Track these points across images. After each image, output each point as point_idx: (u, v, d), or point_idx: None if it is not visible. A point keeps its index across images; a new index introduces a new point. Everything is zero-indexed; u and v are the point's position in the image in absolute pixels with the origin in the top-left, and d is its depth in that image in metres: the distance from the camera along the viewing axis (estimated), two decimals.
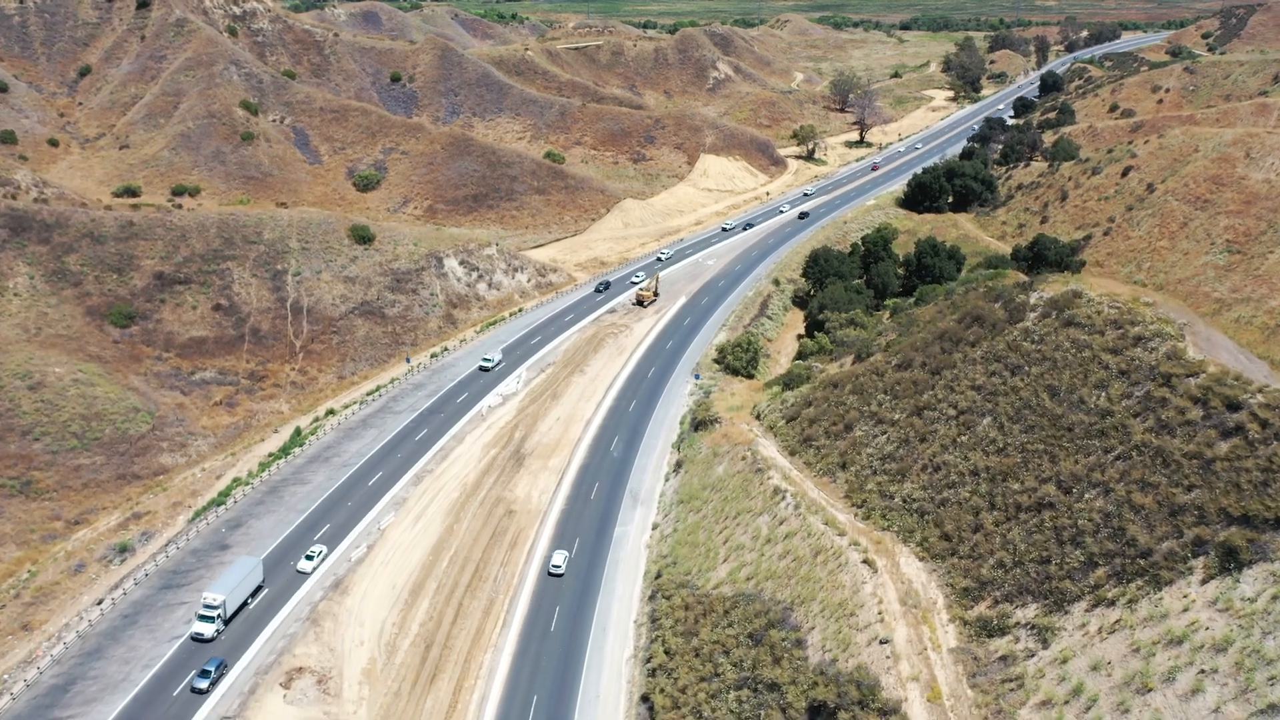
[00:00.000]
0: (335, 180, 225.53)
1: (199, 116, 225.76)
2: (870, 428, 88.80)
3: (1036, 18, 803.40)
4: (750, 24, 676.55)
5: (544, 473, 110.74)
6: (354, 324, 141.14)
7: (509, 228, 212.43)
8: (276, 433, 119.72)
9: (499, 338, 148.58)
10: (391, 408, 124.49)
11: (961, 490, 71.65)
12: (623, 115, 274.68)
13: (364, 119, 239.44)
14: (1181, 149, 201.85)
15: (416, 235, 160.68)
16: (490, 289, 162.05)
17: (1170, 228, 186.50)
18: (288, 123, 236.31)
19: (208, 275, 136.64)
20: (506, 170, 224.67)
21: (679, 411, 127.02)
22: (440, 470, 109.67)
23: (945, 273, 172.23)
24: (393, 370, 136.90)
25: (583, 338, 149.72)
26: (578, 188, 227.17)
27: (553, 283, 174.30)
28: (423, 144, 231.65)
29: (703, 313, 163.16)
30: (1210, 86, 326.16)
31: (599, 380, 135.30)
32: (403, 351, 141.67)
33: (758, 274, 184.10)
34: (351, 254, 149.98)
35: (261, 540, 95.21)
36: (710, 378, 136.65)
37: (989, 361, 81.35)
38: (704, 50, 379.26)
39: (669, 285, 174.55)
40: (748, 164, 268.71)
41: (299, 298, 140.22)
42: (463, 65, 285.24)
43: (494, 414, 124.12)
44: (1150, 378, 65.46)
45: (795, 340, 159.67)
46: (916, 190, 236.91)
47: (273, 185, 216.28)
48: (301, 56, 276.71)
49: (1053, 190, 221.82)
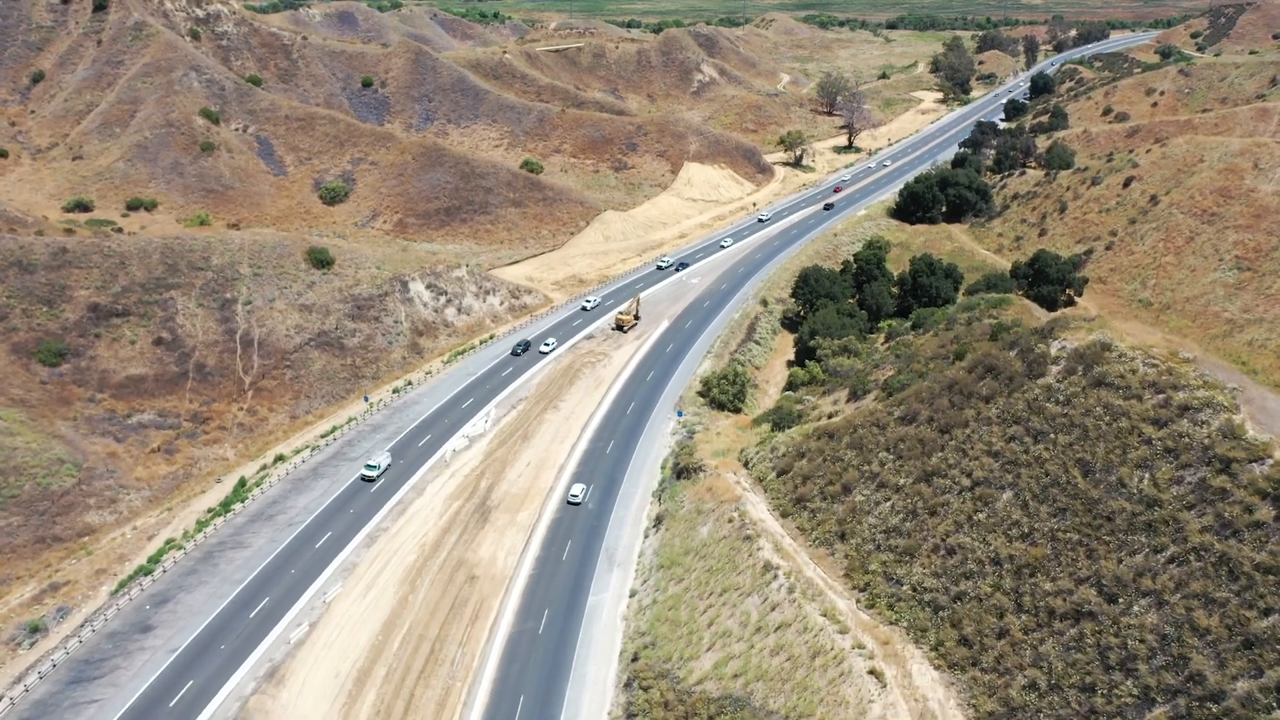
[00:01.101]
0: (301, 192, 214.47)
1: (156, 126, 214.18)
2: (871, 492, 79.23)
3: (1023, 16, 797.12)
4: (735, 23, 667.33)
5: (511, 529, 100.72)
6: (310, 357, 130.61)
7: (483, 243, 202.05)
8: (219, 483, 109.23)
9: (468, 369, 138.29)
10: (347, 453, 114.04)
11: (981, 583, 62.11)
12: (604, 122, 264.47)
13: (332, 127, 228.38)
14: (1186, 159, 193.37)
15: (380, 257, 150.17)
16: (460, 314, 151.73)
17: (1176, 242, 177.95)
18: (251, 131, 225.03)
19: (148, 306, 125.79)
20: (481, 181, 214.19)
21: (660, 453, 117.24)
22: (396, 529, 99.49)
23: (942, 293, 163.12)
24: (351, 408, 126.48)
25: (558, 368, 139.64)
26: (556, 199, 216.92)
27: (527, 305, 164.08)
28: (393, 154, 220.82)
29: (686, 338, 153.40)
30: (1206, 89, 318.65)
31: (574, 418, 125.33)
32: (363, 387, 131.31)
33: (744, 293, 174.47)
34: (308, 279, 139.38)
35: (190, 619, 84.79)
36: (695, 413, 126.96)
37: (1006, 423, 71.87)
38: (688, 52, 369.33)
39: (650, 307, 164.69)
40: (733, 172, 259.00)
41: (249, 329, 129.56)
42: (437, 70, 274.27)
43: (459, 459, 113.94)
44: (1204, 460, 56.03)
45: (785, 367, 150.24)
46: (909, 200, 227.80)
47: (234, 198, 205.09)
48: (268, 61, 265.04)
49: (1050, 201, 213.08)
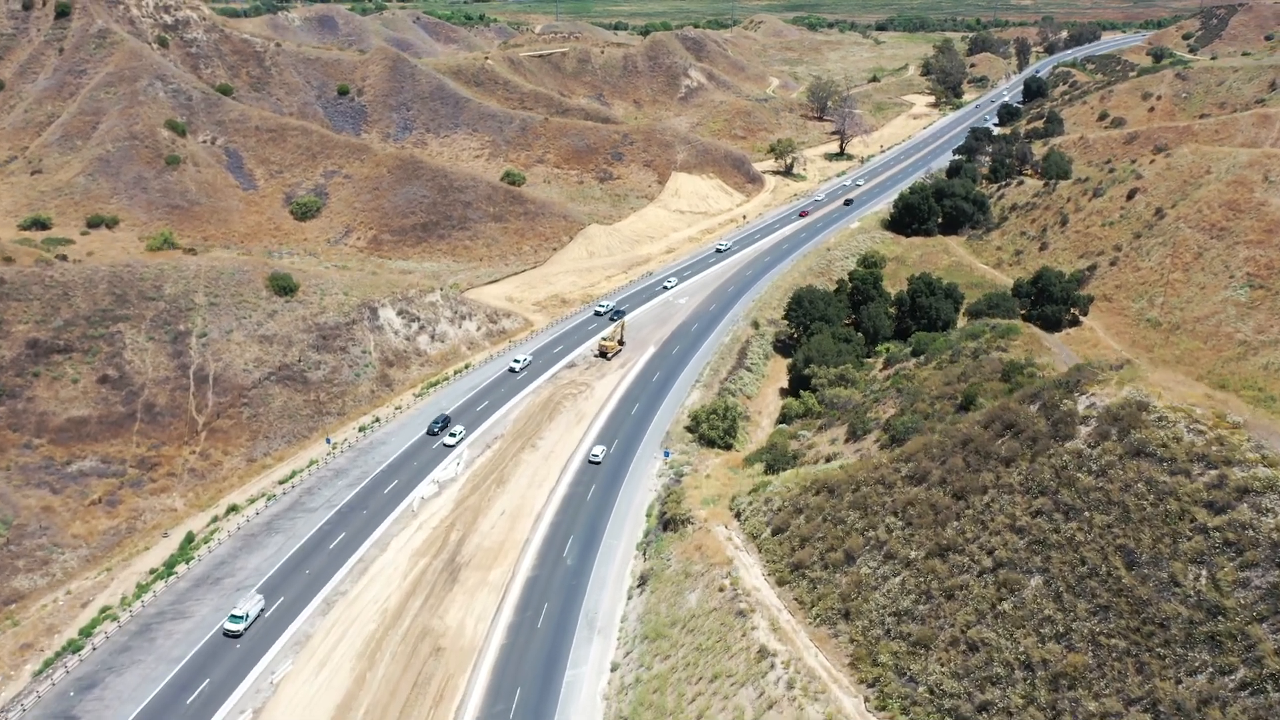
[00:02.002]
0: (271, 208, 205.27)
1: (119, 138, 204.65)
2: (878, 564, 71.03)
3: (1013, 17, 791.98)
4: (724, 25, 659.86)
5: (482, 590, 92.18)
6: (269, 393, 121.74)
7: (461, 260, 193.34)
8: (166, 537, 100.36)
9: (440, 403, 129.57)
10: (305, 503, 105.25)
11: (1011, 692, 53.94)
12: (588, 130, 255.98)
13: (304, 139, 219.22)
14: (1192, 170, 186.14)
15: (347, 282, 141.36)
16: (433, 342, 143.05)
17: (1184, 258, 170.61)
18: (219, 144, 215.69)
19: (93, 341, 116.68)
20: (460, 195, 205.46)
21: (646, 498, 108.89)
22: (356, 592, 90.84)
23: (942, 314, 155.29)
24: (314, 448, 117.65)
25: (537, 401, 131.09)
26: (538, 213, 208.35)
27: (506, 330, 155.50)
28: (368, 166, 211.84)
29: (674, 365, 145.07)
30: (1204, 93, 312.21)
31: (553, 458, 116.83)
32: (326, 425, 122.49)
33: (735, 314, 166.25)
34: (269, 308, 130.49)
35: (119, 707, 76.00)
36: (683, 451, 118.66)
37: (1031, 493, 63.81)
38: (675, 57, 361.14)
39: (635, 331, 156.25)
40: (722, 182, 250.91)
41: (204, 364, 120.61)
42: (415, 77, 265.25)
43: (427, 508, 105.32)
44: (1274, 561, 48.01)
45: (778, 395, 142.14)
46: (904, 212, 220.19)
47: (200, 215, 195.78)
48: (240, 69, 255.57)
49: (1050, 212, 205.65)
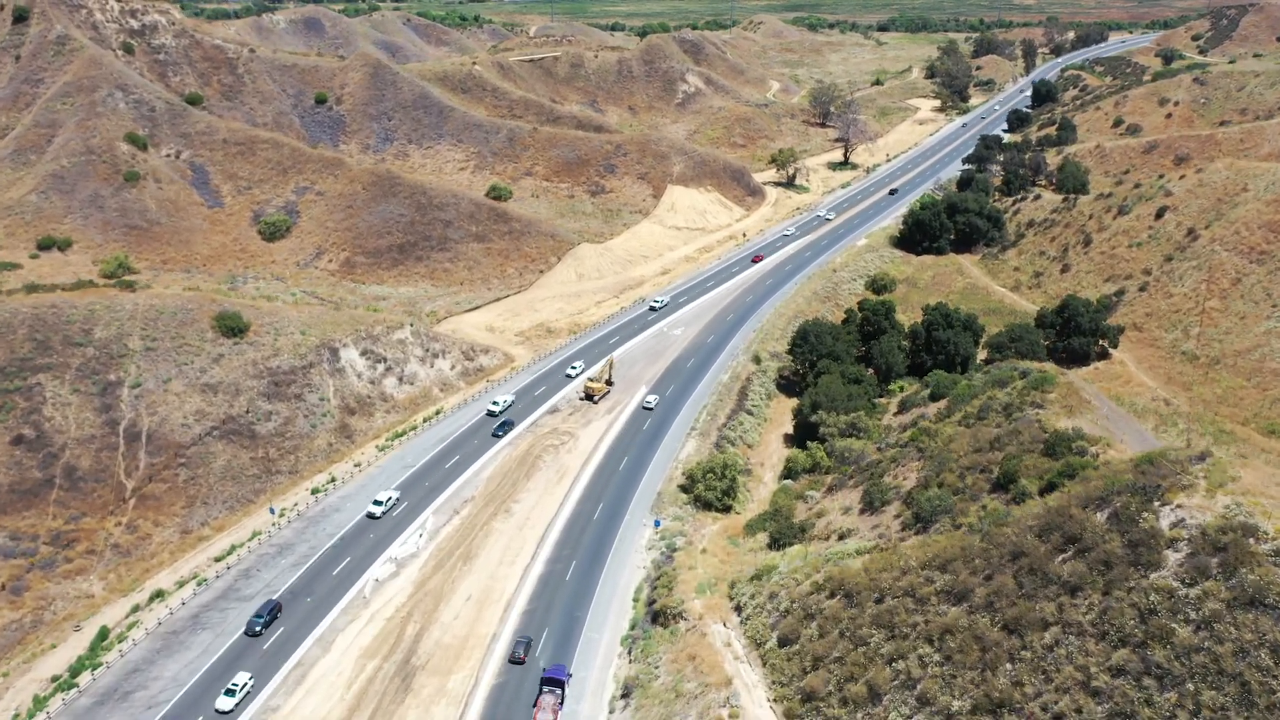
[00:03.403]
0: (237, 227, 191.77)
1: (75, 153, 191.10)
2: (910, 711, 57.66)
3: (1016, 17, 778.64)
4: (723, 25, 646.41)
5: (440, 702, 78.70)
6: (211, 451, 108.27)
7: (440, 284, 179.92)
8: (78, 631, 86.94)
9: (405, 459, 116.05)
10: (240, 589, 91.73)
11: None
12: (579, 141, 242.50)
13: (275, 152, 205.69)
14: (1226, 187, 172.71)
15: (305, 319, 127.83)
16: (401, 384, 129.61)
17: (1220, 284, 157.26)
18: (184, 158, 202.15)
19: (8, 395, 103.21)
20: (439, 214, 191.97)
21: (633, 578, 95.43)
22: (289, 709, 77.29)
23: (961, 349, 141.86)
24: (259, 516, 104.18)
25: (513, 455, 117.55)
26: (524, 232, 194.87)
27: (483, 367, 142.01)
28: (342, 182, 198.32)
29: (667, 408, 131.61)
30: (1223, 99, 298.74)
31: (530, 526, 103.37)
32: (276, 485, 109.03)
33: (734, 347, 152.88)
34: (215, 352, 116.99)
35: None
36: (676, 517, 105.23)
37: (1109, 640, 50.47)
38: (672, 61, 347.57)
39: (626, 369, 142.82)
40: (721, 195, 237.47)
41: (137, 419, 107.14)
42: (397, 84, 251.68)
43: (382, 593, 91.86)
44: None
45: (782, 442, 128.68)
46: (914, 228, 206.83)
47: (160, 236, 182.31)
48: (211, 76, 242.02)
49: (1071, 230, 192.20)
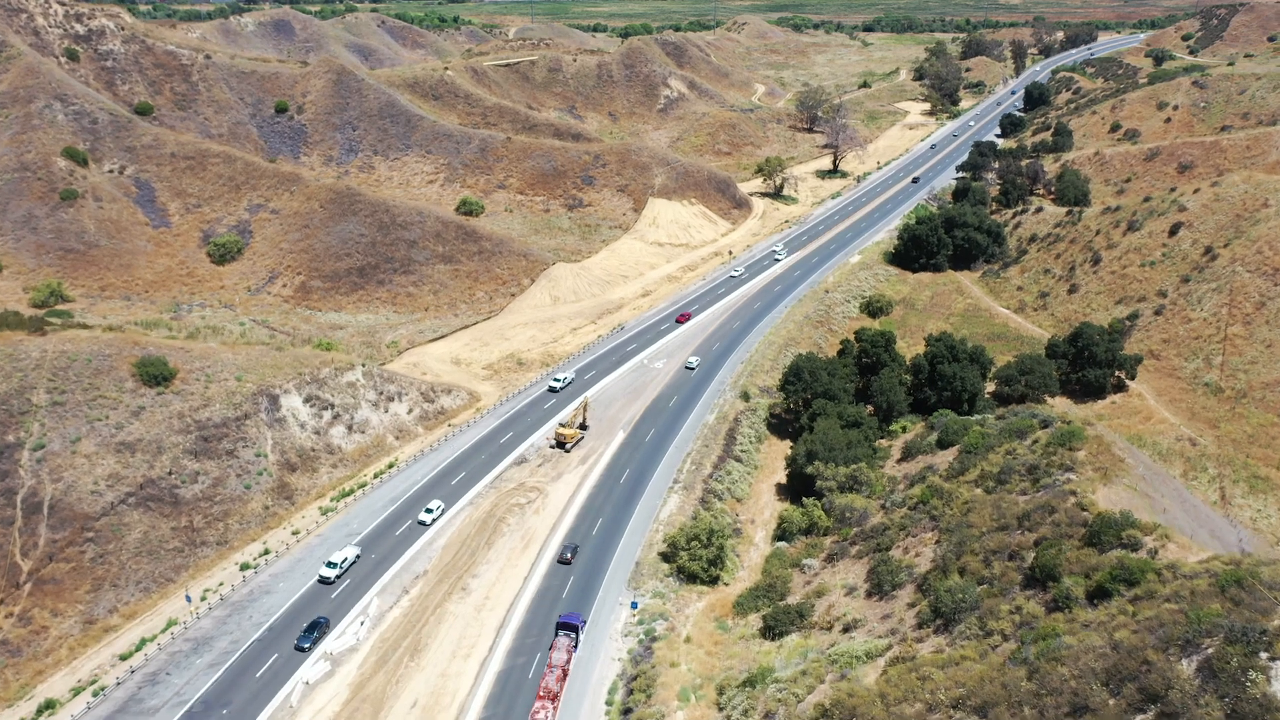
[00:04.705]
0: (185, 249, 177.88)
1: (7, 170, 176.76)
2: None
3: (1003, 17, 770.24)
4: (706, 26, 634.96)
5: None
6: (125, 522, 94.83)
7: (403, 310, 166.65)
8: None
9: (350, 524, 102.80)
10: (144, 699, 78.06)
11: None
12: (556, 151, 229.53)
13: (226, 167, 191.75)
14: (1245, 202, 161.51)
15: (243, 362, 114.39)
16: (351, 433, 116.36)
17: (1244, 309, 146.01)
18: (129, 174, 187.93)
19: None
20: (403, 233, 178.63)
21: (608, 672, 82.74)
22: None
23: (967, 384, 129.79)
24: (178, 598, 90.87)
25: (474, 517, 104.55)
26: (494, 252, 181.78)
27: (445, 409, 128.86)
28: (298, 199, 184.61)
29: (647, 456, 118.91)
30: (1224, 103, 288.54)
31: (489, 607, 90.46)
32: (201, 560, 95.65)
33: (720, 381, 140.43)
34: (135, 404, 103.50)
35: None
36: (656, 593, 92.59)
37: None
38: (654, 64, 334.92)
39: (602, 409, 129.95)
40: (705, 208, 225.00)
41: (38, 486, 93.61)
42: (363, 92, 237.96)
43: (312, 700, 78.71)
44: None
45: (774, 494, 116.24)
46: (910, 244, 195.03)
47: (98, 259, 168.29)
48: (162, 85, 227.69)
49: (1077, 246, 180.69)
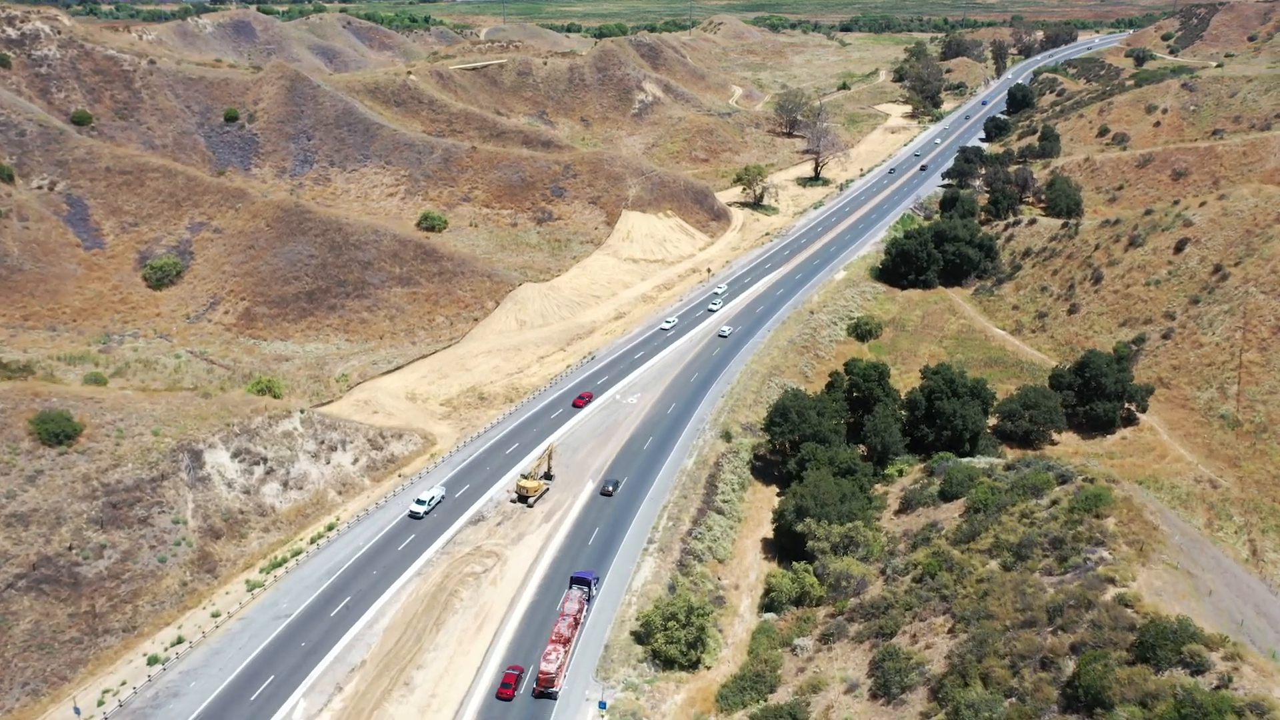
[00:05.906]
0: (120, 272, 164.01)
1: None
2: None
3: (981, 17, 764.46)
4: (682, 26, 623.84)
5: None
6: (13, 610, 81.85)
7: (356, 338, 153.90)
8: None
9: (279, 603, 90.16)
10: None
11: None
12: (524, 161, 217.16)
13: (167, 182, 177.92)
14: (1256, 217, 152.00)
15: (161, 413, 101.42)
16: (286, 490, 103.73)
17: (1259, 332, 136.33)
18: (60, 190, 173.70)
19: None
20: (357, 254, 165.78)
21: None
22: None
23: (969, 422, 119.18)
24: (66, 708, 77.97)
25: (421, 591, 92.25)
26: (456, 272, 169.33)
27: (395, 457, 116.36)
28: (243, 218, 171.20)
29: (619, 512, 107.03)
30: (1214, 106, 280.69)
31: (434, 708, 78.12)
32: (104, 650, 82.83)
33: (699, 418, 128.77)
34: (31, 467, 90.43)
35: None
36: (628, 683, 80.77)
37: None
38: (628, 67, 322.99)
39: (569, 454, 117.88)
40: (682, 221, 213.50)
41: None
42: (318, 99, 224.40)
43: None
44: None
45: (760, 552, 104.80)
46: (898, 259, 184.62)
47: (21, 286, 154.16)
48: (102, 92, 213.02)
49: (1075, 262, 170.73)
